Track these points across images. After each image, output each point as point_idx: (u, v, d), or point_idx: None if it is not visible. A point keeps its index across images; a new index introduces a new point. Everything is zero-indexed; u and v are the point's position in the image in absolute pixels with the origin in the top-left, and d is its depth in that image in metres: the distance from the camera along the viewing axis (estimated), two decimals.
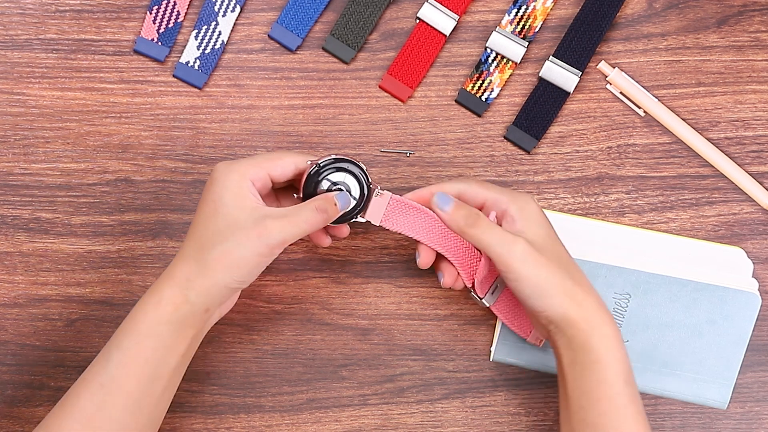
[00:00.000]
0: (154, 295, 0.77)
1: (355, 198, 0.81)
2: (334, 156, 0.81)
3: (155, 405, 0.77)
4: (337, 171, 0.81)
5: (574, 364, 0.78)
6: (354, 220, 0.83)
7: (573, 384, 0.78)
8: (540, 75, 0.91)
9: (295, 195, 0.82)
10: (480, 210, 0.82)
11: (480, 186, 0.82)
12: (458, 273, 0.83)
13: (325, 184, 0.81)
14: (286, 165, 0.80)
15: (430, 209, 0.82)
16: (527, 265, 0.77)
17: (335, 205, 0.79)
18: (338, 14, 0.91)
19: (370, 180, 0.82)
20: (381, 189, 0.82)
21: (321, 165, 0.80)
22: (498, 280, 0.84)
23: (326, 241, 0.83)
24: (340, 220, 0.82)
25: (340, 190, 0.81)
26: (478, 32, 0.92)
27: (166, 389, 0.77)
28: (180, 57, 0.90)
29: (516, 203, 0.80)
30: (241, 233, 0.76)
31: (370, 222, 0.83)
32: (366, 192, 0.82)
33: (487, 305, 0.84)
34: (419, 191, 0.83)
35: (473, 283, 0.83)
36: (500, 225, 0.81)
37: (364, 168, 0.82)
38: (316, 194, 0.81)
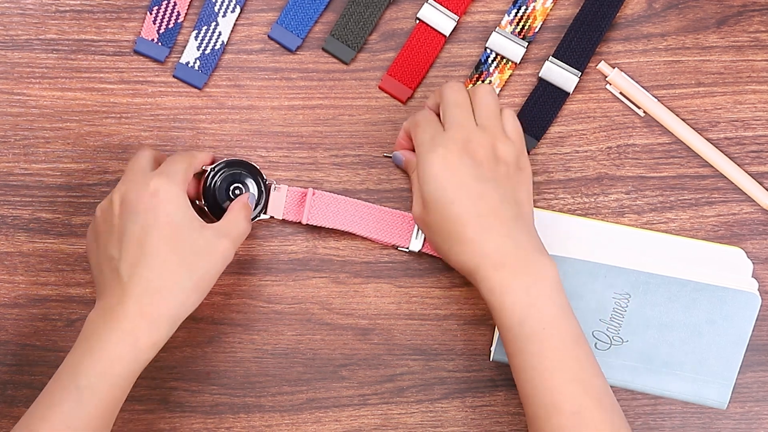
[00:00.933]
0: (128, 335, 0.74)
1: (254, 195, 0.86)
2: (225, 159, 0.86)
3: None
4: (231, 173, 0.86)
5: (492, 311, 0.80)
6: (259, 218, 0.87)
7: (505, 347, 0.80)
8: (540, 75, 0.91)
9: (197, 202, 0.85)
10: None
11: (404, 130, 0.87)
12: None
13: (222, 187, 0.85)
14: (198, 165, 0.83)
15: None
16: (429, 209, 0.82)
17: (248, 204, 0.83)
18: (338, 15, 0.91)
19: (265, 177, 0.87)
20: (277, 183, 0.87)
21: (214, 169, 0.85)
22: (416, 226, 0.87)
23: None
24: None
25: (239, 189, 0.86)
26: (478, 33, 0.92)
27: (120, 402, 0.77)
28: (180, 57, 0.90)
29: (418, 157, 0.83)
30: (211, 258, 0.77)
31: (274, 217, 0.87)
32: (264, 189, 0.87)
33: (417, 250, 0.87)
34: (399, 137, 0.88)
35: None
36: None
37: (257, 167, 0.87)
38: (216, 198, 0.85)
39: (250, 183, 0.86)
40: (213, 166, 0.85)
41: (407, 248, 0.88)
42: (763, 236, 0.91)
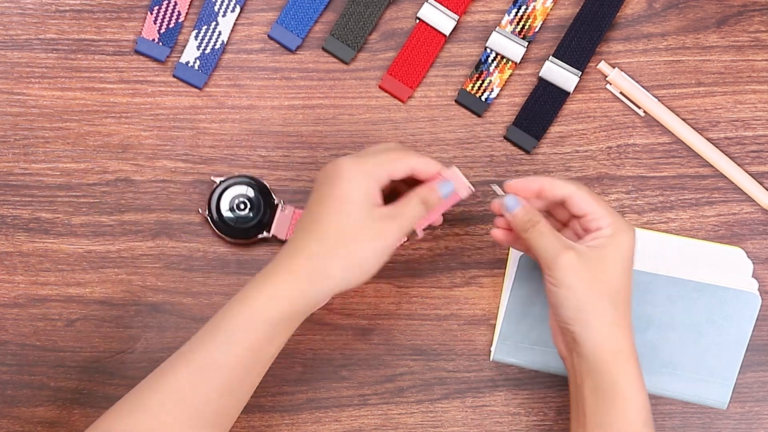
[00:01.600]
0: (271, 287, 0.75)
1: (259, 217, 0.87)
2: (237, 174, 0.87)
3: (244, 393, 0.76)
4: (238, 188, 0.87)
5: (596, 393, 0.78)
6: (260, 236, 0.87)
7: (592, 413, 0.78)
8: (540, 75, 0.91)
9: (200, 210, 0.87)
10: (581, 218, 0.81)
11: (589, 196, 0.80)
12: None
13: (227, 197, 0.86)
14: (406, 168, 0.78)
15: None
16: (569, 274, 0.77)
17: (438, 194, 0.79)
18: (338, 14, 0.91)
19: (274, 196, 0.87)
20: (284, 204, 0.87)
21: (224, 181, 0.86)
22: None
23: (439, 220, 0.84)
24: (242, 235, 0.88)
25: (243, 204, 0.86)
26: (478, 32, 0.92)
27: (255, 381, 0.76)
28: (180, 57, 0.90)
29: (615, 229, 0.79)
30: (366, 233, 0.75)
31: (276, 237, 0.87)
32: (270, 208, 0.87)
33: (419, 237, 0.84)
34: (529, 180, 0.81)
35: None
36: (584, 234, 0.80)
37: (267, 185, 0.87)
38: (219, 210, 0.86)
39: (257, 200, 0.87)
40: (223, 179, 0.86)
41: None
42: (763, 236, 0.91)
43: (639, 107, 0.91)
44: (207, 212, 0.87)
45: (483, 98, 0.91)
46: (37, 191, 0.89)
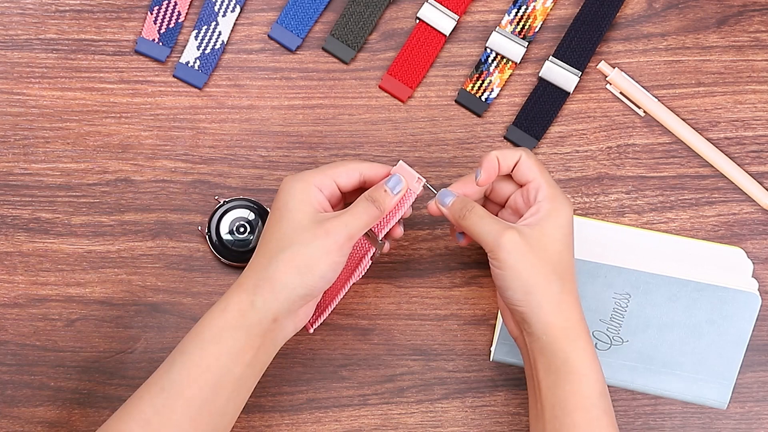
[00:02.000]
0: (221, 303, 0.77)
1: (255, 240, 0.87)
2: (240, 197, 0.87)
3: (218, 414, 0.76)
4: (240, 208, 0.87)
5: (549, 371, 0.77)
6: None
7: (547, 392, 0.78)
8: (540, 75, 0.91)
9: (199, 228, 0.88)
10: (523, 186, 0.81)
11: (535, 164, 0.80)
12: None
13: (227, 219, 0.87)
14: (351, 172, 0.80)
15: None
16: (512, 255, 0.76)
17: (386, 191, 0.79)
18: (338, 14, 0.91)
19: None
20: None
21: (226, 203, 0.86)
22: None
23: (399, 232, 0.84)
24: (238, 259, 0.88)
25: (243, 228, 0.87)
26: (478, 32, 0.92)
27: (230, 399, 0.76)
28: (180, 57, 0.90)
29: (553, 202, 0.78)
30: (307, 233, 0.76)
31: None
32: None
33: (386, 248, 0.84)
34: (486, 161, 0.81)
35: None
36: (525, 209, 0.80)
37: (268, 209, 0.87)
38: (218, 231, 0.87)
39: (256, 224, 0.87)
40: (227, 200, 0.87)
41: (376, 252, 0.83)
42: (763, 236, 0.91)
43: (639, 107, 0.91)
44: (207, 231, 0.87)
45: (483, 98, 0.91)
46: (37, 191, 0.89)
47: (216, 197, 0.84)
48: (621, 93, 0.91)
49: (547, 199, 0.78)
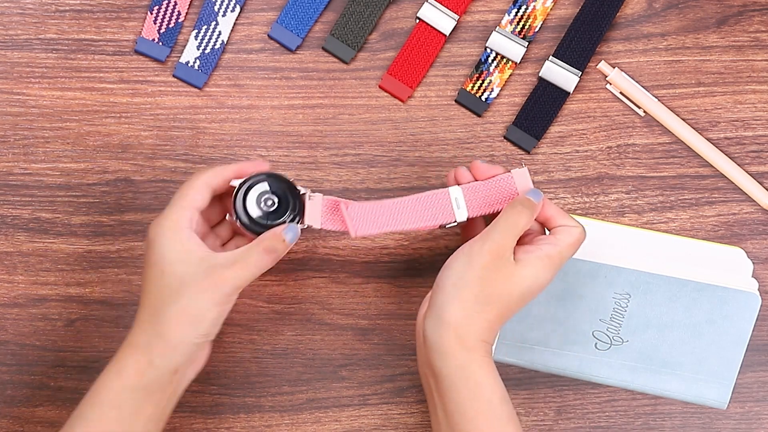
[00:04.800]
0: (116, 365, 0.76)
1: (290, 210, 0.81)
2: (254, 174, 0.81)
3: None
4: (260, 185, 0.81)
5: (441, 376, 0.78)
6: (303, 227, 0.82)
7: (444, 397, 0.78)
8: (540, 75, 0.91)
9: (227, 217, 0.83)
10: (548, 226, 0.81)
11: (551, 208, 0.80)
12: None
13: (252, 197, 0.80)
14: (201, 191, 0.78)
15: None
16: (464, 258, 0.78)
17: (284, 241, 0.78)
18: (338, 14, 0.91)
19: (298, 187, 0.81)
20: (312, 192, 0.81)
21: (243, 183, 0.80)
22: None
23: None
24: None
25: (271, 200, 0.80)
26: (478, 32, 0.92)
27: None
28: (180, 57, 0.90)
29: (559, 234, 0.79)
30: (193, 287, 0.75)
31: (311, 227, 0.82)
32: (297, 199, 0.81)
33: (465, 219, 0.82)
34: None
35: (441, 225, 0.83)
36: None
37: (288, 177, 0.81)
38: (246, 211, 0.80)
39: (283, 194, 0.81)
40: (242, 181, 0.80)
41: (455, 221, 0.82)
42: (763, 236, 0.91)
43: (639, 107, 0.91)
44: (235, 218, 0.81)
45: (483, 98, 0.91)
46: (37, 191, 0.89)
47: (231, 183, 0.81)
48: (621, 93, 0.91)
49: (555, 231, 0.80)
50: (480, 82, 0.91)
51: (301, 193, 0.81)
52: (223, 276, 0.75)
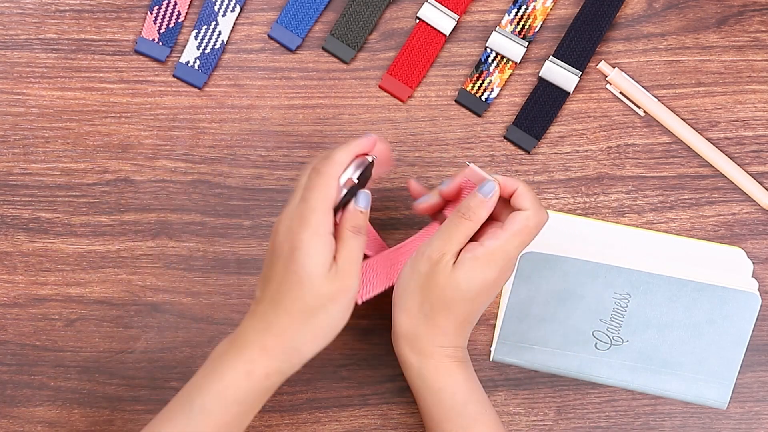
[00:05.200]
0: (246, 364, 0.76)
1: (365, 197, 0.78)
2: (358, 172, 0.77)
3: None
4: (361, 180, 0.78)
5: (411, 380, 0.81)
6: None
7: (420, 403, 0.81)
8: (540, 75, 0.91)
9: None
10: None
11: (526, 191, 0.79)
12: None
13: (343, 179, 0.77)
14: (337, 188, 0.76)
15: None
16: (408, 269, 0.79)
17: (361, 212, 0.77)
18: (338, 14, 0.91)
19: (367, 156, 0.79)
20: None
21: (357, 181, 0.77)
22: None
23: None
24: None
25: (356, 183, 0.77)
26: (478, 32, 0.92)
27: None
28: (180, 57, 0.90)
29: (507, 223, 0.78)
30: (327, 298, 0.75)
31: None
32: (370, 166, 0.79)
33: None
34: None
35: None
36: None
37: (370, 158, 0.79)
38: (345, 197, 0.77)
39: (363, 176, 0.78)
40: (356, 178, 0.77)
41: None
42: (763, 236, 0.91)
43: (639, 107, 0.91)
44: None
45: (483, 98, 0.91)
46: (37, 191, 0.89)
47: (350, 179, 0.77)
48: (621, 93, 0.91)
49: (509, 221, 0.78)
50: (480, 82, 0.91)
51: (370, 161, 0.79)
52: (346, 282, 0.76)
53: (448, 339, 0.79)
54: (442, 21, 0.90)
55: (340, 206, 0.77)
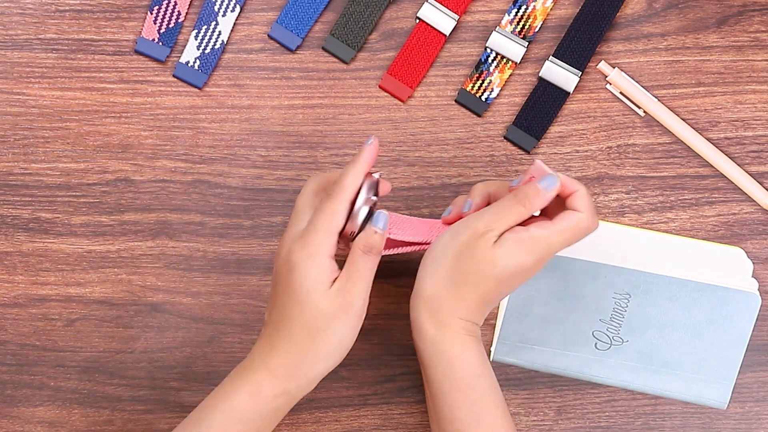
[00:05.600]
0: (251, 385, 0.76)
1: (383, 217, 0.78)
2: (370, 196, 0.78)
3: None
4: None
5: (423, 351, 0.79)
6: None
7: (426, 372, 0.79)
8: (540, 75, 0.91)
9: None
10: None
11: (589, 201, 0.79)
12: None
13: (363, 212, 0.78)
14: (345, 213, 0.77)
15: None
16: (447, 235, 0.78)
17: (376, 233, 0.77)
18: (338, 14, 0.91)
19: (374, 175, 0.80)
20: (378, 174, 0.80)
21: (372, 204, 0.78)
22: None
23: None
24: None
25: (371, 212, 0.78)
26: (478, 32, 0.92)
27: None
28: (180, 57, 0.90)
29: (558, 218, 0.78)
30: (330, 317, 0.75)
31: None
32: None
33: None
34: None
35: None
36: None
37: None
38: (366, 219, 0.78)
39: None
40: (371, 199, 0.78)
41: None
42: (763, 236, 0.91)
43: (639, 107, 0.91)
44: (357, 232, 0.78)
45: (483, 98, 0.91)
46: (37, 191, 0.89)
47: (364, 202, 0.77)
48: (621, 93, 0.91)
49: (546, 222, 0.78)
50: (480, 82, 0.91)
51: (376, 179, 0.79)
52: (350, 298, 0.76)
53: (469, 312, 0.78)
54: (442, 21, 0.90)
55: (361, 229, 0.77)
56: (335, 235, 0.76)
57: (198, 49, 0.90)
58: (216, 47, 0.90)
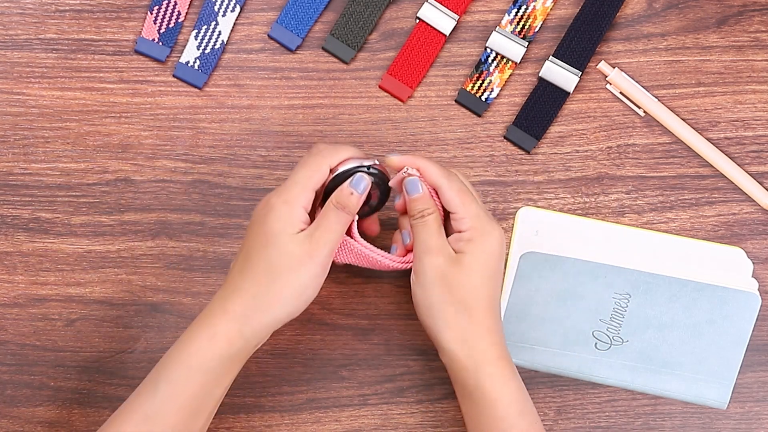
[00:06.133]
0: (208, 329, 0.76)
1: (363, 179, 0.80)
2: (353, 165, 0.80)
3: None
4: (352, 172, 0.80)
5: (464, 397, 0.79)
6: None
7: (466, 418, 0.80)
8: (540, 75, 0.91)
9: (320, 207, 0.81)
10: (451, 214, 0.81)
11: (457, 195, 0.79)
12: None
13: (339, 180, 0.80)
14: (325, 174, 0.79)
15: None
16: (428, 276, 0.79)
17: (351, 193, 0.79)
18: (338, 14, 0.91)
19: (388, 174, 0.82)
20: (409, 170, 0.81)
21: (336, 174, 0.80)
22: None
23: (375, 229, 0.85)
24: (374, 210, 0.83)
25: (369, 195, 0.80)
26: (478, 32, 0.92)
27: (207, 420, 0.77)
28: (180, 57, 0.90)
29: (473, 232, 0.79)
30: (294, 261, 0.76)
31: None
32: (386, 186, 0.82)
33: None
34: (408, 158, 0.81)
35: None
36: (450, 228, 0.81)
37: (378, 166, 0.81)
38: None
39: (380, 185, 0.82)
40: (336, 173, 0.80)
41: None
42: (763, 236, 0.91)
43: (639, 107, 0.91)
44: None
45: (483, 98, 0.91)
46: (37, 191, 0.89)
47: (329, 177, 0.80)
48: (621, 93, 0.91)
49: (470, 231, 0.79)
50: (480, 82, 0.91)
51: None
52: (315, 246, 0.76)
53: (492, 335, 0.79)
54: (442, 21, 0.90)
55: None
56: (312, 191, 0.78)
57: (198, 49, 0.90)
58: (216, 47, 0.90)
